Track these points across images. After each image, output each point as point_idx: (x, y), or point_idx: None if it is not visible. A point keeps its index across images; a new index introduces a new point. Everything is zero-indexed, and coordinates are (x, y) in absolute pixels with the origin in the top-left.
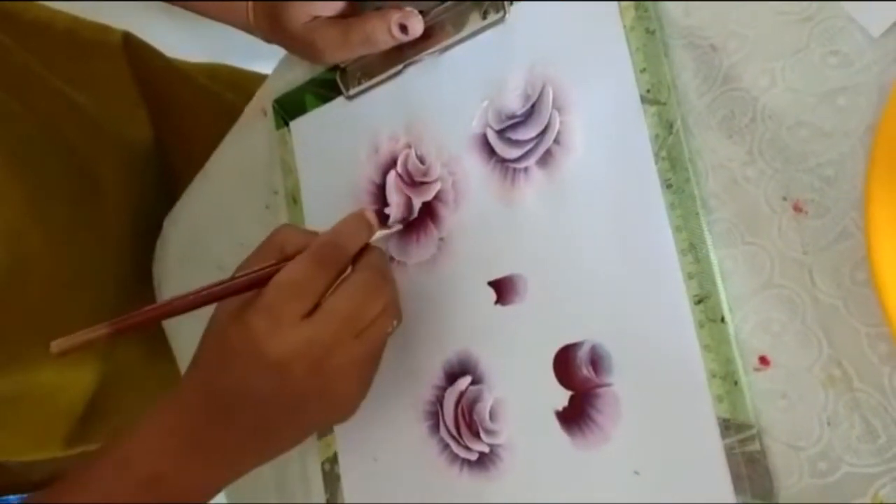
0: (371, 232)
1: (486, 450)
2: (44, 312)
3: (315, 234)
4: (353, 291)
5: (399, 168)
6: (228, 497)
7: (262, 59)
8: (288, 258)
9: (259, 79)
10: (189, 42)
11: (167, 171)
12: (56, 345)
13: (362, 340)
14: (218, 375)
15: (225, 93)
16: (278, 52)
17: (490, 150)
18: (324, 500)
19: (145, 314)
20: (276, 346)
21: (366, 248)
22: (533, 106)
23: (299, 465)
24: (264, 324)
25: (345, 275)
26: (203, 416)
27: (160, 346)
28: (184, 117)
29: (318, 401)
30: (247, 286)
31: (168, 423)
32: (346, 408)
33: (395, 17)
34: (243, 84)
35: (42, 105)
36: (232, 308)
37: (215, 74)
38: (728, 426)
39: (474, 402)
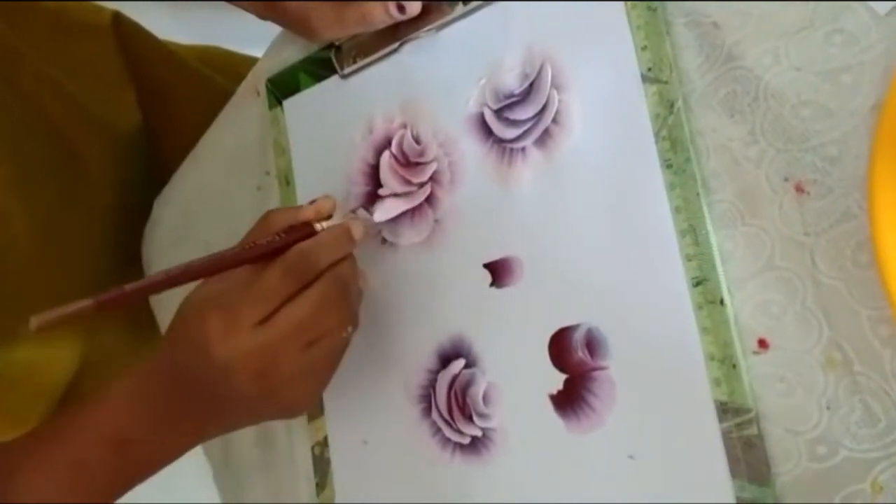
0: (352, 247)
1: (479, 434)
2: (25, 293)
3: (299, 209)
4: (309, 303)
5: (393, 148)
6: (215, 477)
7: (255, 43)
8: (277, 234)
9: (251, 62)
10: (182, 26)
11: (155, 155)
12: (35, 319)
13: (312, 351)
14: (178, 354)
15: (216, 76)
16: (270, 37)
17: (487, 130)
18: (313, 483)
19: (130, 288)
20: (224, 349)
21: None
22: (531, 85)
23: (286, 444)
24: (219, 324)
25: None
26: (168, 386)
27: (144, 328)
28: (173, 100)
29: (265, 400)
30: (229, 263)
31: (137, 390)
32: (295, 409)
33: None
34: (235, 67)
35: (27, 86)
36: (199, 296)
37: (207, 57)
38: (725, 410)
39: (467, 385)
